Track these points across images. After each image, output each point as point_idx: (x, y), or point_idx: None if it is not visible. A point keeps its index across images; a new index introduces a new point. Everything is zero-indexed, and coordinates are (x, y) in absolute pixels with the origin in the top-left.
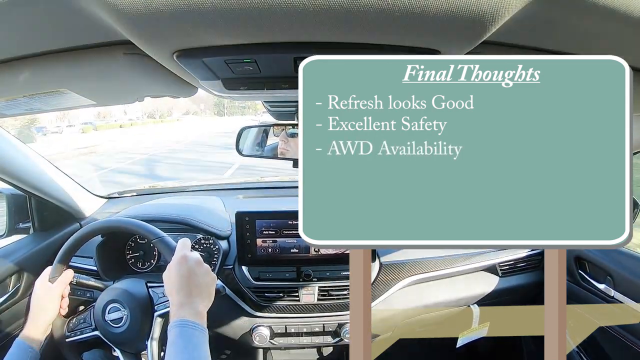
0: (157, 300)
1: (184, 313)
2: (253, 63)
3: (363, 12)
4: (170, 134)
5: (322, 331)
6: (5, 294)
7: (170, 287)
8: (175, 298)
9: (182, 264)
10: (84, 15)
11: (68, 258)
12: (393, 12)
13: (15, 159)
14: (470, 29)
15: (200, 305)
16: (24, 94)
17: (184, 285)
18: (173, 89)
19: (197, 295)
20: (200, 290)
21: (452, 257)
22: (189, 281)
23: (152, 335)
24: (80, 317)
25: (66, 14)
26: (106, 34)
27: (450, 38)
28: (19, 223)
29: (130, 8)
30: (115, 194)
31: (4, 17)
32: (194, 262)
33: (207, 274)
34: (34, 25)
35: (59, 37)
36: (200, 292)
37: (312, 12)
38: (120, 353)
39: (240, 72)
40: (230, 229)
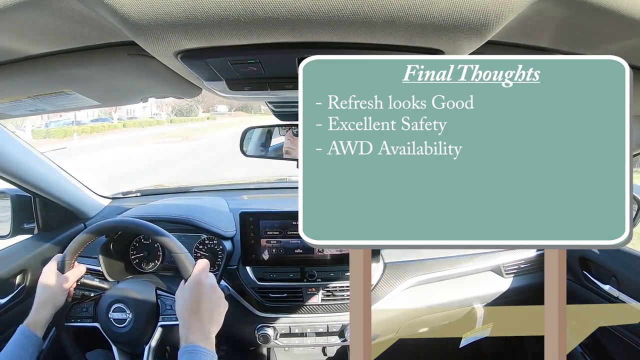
0: (163, 310)
1: (196, 338)
2: (257, 64)
3: (368, 12)
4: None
5: (326, 332)
6: (10, 294)
7: (184, 308)
8: (187, 320)
9: (199, 288)
10: (89, 16)
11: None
12: (398, 13)
13: (20, 160)
14: (474, 29)
15: (211, 330)
16: (29, 95)
17: (197, 309)
18: (177, 89)
19: (209, 321)
20: (212, 315)
21: (456, 257)
22: (203, 306)
23: (150, 343)
24: (82, 306)
25: (71, 16)
26: (110, 35)
27: (455, 38)
28: (24, 223)
29: (134, 10)
30: (120, 194)
31: (9, 19)
32: (210, 287)
33: (220, 300)
34: (38, 26)
35: (63, 38)
36: (211, 317)
37: (316, 13)
38: (116, 350)
39: (244, 73)
40: (234, 230)
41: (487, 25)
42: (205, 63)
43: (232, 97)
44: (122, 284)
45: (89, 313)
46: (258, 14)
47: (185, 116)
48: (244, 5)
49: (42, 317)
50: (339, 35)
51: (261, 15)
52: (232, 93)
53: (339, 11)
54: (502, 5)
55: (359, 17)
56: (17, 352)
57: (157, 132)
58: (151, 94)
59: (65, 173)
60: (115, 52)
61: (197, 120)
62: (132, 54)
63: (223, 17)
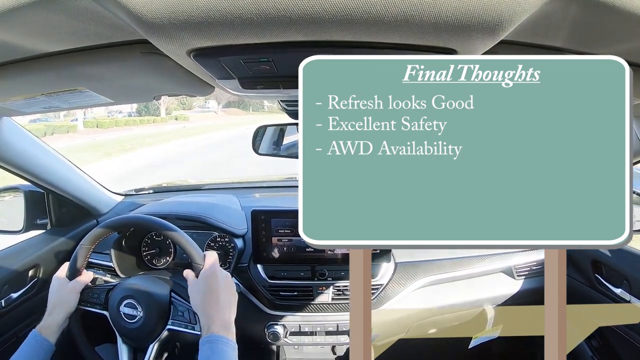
0: (174, 314)
1: (216, 327)
2: (269, 62)
3: (380, 11)
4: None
5: (336, 330)
6: (23, 288)
7: (202, 300)
8: (208, 311)
9: (215, 278)
10: (102, 15)
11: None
12: (410, 12)
13: (34, 156)
14: (488, 28)
15: (231, 319)
16: (43, 92)
17: (217, 299)
18: (190, 87)
19: (228, 310)
20: (230, 304)
21: (468, 258)
22: (221, 296)
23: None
24: (95, 291)
25: (84, 14)
26: (123, 33)
27: (468, 38)
28: (37, 219)
29: (148, 8)
30: (132, 191)
31: (23, 17)
32: (225, 277)
33: (234, 289)
34: (52, 25)
35: (77, 36)
36: (230, 307)
37: (328, 12)
38: (121, 340)
39: (256, 71)
40: (246, 228)
41: (501, 25)
42: (218, 61)
43: (244, 95)
44: (135, 279)
45: (100, 300)
46: (271, 13)
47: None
48: (257, 4)
49: (54, 321)
50: (351, 35)
51: (274, 14)
52: (245, 91)
53: (351, 10)
54: (516, 5)
55: (372, 16)
56: (27, 355)
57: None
58: (164, 92)
59: (78, 169)
60: (129, 51)
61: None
62: (145, 53)
63: (236, 16)
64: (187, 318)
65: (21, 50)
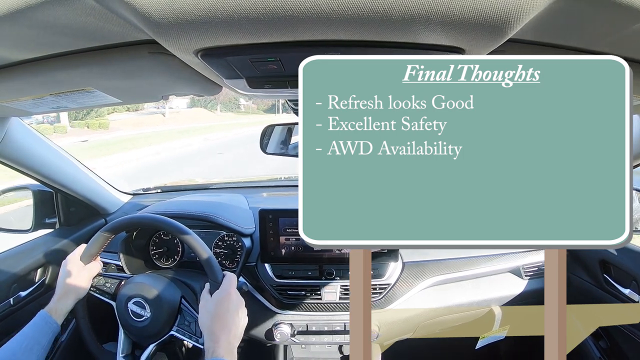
0: (181, 321)
1: (223, 352)
2: (277, 62)
3: (387, 10)
4: None
5: (344, 330)
6: (31, 287)
7: (211, 320)
8: (215, 333)
9: (229, 302)
10: (110, 15)
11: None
12: (417, 10)
13: (43, 156)
14: (495, 26)
15: (236, 344)
16: (51, 93)
17: (225, 323)
18: (197, 87)
19: (234, 336)
20: (237, 330)
21: (475, 258)
22: (230, 320)
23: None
24: (107, 280)
25: (92, 15)
26: (131, 33)
27: (476, 36)
28: (46, 218)
29: (155, 9)
30: (140, 191)
31: (31, 17)
32: (239, 303)
33: (244, 315)
34: (60, 25)
35: (85, 37)
36: (237, 332)
37: (335, 11)
38: (123, 332)
39: (264, 71)
40: (253, 227)
41: (508, 23)
42: (225, 61)
43: (252, 94)
44: (148, 278)
45: (110, 290)
46: (278, 12)
47: (100, 117)
48: (265, 3)
49: (64, 305)
50: (359, 34)
51: (281, 13)
52: (252, 91)
53: (358, 9)
54: (524, 2)
55: (378, 15)
56: (34, 334)
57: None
58: (171, 92)
59: (86, 169)
60: (136, 51)
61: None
62: (152, 53)
63: (243, 16)
64: (192, 330)
65: (29, 50)
